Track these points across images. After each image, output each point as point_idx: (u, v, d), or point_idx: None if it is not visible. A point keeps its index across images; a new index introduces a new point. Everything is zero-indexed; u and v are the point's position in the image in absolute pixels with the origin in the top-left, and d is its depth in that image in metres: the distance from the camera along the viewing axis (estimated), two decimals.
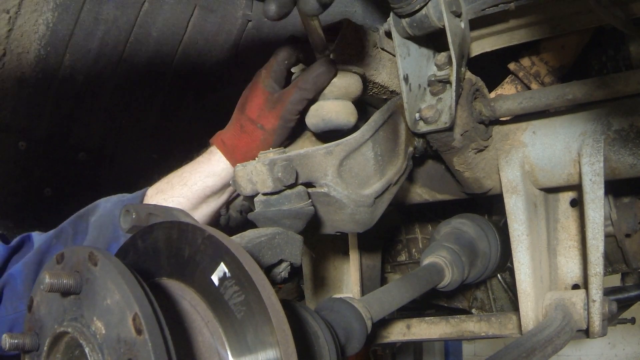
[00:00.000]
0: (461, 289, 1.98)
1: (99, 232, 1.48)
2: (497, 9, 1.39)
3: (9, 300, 1.41)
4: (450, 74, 1.37)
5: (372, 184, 1.32)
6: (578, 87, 1.42)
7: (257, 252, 1.00)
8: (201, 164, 1.51)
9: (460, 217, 1.79)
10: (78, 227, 1.50)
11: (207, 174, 1.49)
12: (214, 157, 1.49)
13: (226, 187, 1.53)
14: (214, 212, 1.57)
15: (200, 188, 1.50)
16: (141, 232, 0.90)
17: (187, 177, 1.51)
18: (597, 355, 6.73)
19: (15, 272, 1.42)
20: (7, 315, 1.40)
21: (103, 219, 1.50)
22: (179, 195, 1.50)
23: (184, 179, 1.51)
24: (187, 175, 1.51)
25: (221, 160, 1.48)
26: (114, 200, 1.54)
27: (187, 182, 1.50)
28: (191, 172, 1.51)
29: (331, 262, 2.04)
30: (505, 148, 1.54)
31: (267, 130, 1.41)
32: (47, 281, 0.75)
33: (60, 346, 0.80)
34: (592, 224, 1.41)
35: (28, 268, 1.42)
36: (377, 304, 1.31)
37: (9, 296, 1.41)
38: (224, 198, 1.56)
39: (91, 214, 1.52)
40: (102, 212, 1.51)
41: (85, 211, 1.53)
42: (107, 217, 1.49)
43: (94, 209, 1.53)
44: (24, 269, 1.42)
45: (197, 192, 1.50)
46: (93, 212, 1.52)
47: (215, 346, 0.79)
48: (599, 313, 1.41)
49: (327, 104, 1.38)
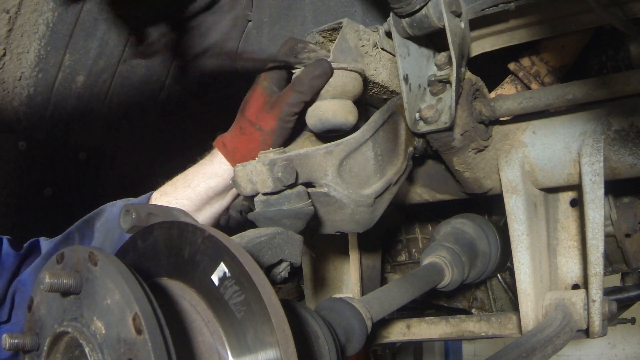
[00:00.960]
0: (461, 289, 1.98)
1: (104, 237, 1.49)
2: (497, 9, 1.39)
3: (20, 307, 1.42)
4: (450, 74, 1.37)
5: (372, 184, 1.32)
6: (578, 87, 1.42)
7: (257, 252, 1.00)
8: (204, 166, 1.53)
9: (460, 217, 1.79)
10: (84, 232, 1.52)
11: (209, 175, 1.51)
12: (215, 159, 1.51)
13: (229, 188, 1.54)
14: (217, 214, 1.58)
15: (204, 190, 1.51)
16: (141, 232, 0.90)
17: (190, 179, 1.52)
18: (597, 355, 6.73)
19: (25, 278, 1.44)
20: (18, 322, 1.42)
21: (109, 224, 1.51)
22: (183, 197, 1.52)
23: (187, 181, 1.53)
24: (191, 177, 1.53)
25: (222, 162, 1.49)
26: (120, 205, 1.55)
27: (190, 184, 1.52)
28: (194, 175, 1.53)
29: (331, 262, 2.04)
30: (505, 148, 1.54)
31: (265, 132, 1.42)
32: (47, 281, 0.75)
33: (60, 346, 0.80)
34: (592, 224, 1.41)
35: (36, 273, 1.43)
36: (377, 304, 1.31)
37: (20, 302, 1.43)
38: (227, 200, 1.57)
39: (97, 219, 1.53)
40: (108, 216, 1.53)
41: (91, 216, 1.54)
42: (113, 222, 1.51)
43: (100, 213, 1.54)
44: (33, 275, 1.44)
45: (200, 193, 1.51)
46: (99, 216, 1.54)
47: (215, 346, 0.79)
48: (599, 313, 1.41)
49: (324, 104, 1.38)
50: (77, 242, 1.50)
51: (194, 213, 1.52)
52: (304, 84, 1.35)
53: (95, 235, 1.50)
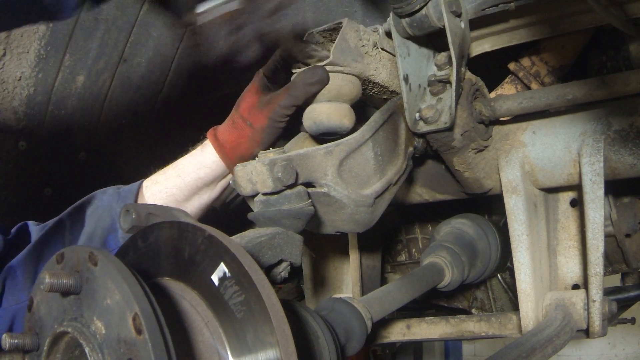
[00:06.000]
0: (461, 289, 1.98)
1: (96, 224, 1.50)
2: (497, 9, 1.39)
3: (11, 292, 1.43)
4: (450, 74, 1.37)
5: (372, 184, 1.32)
6: (578, 87, 1.42)
7: (257, 252, 1.00)
8: (195, 156, 1.55)
9: (460, 217, 1.79)
10: (75, 219, 1.53)
11: (199, 165, 1.53)
12: (206, 149, 1.53)
13: (218, 180, 1.56)
14: (206, 205, 1.60)
15: (193, 180, 1.53)
16: (141, 232, 0.90)
17: (181, 169, 1.55)
18: (597, 355, 6.72)
19: (15, 264, 1.45)
20: (9, 307, 1.43)
21: (100, 211, 1.52)
22: (173, 186, 1.54)
23: (178, 170, 1.55)
24: (182, 167, 1.55)
25: (212, 153, 1.51)
26: (110, 192, 1.56)
27: (180, 173, 1.54)
28: (185, 164, 1.55)
29: (331, 262, 2.04)
30: (505, 148, 1.54)
31: (256, 129, 1.44)
32: (47, 281, 0.75)
33: (60, 346, 0.80)
34: (592, 224, 1.41)
35: (28, 260, 1.45)
36: (377, 304, 1.31)
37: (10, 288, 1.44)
38: (217, 191, 1.59)
39: (87, 206, 1.54)
40: (99, 203, 1.54)
41: (81, 203, 1.55)
42: (104, 209, 1.52)
43: (91, 200, 1.56)
44: (24, 260, 1.45)
45: (189, 183, 1.53)
46: (89, 203, 1.55)
47: (215, 346, 0.79)
48: (599, 313, 1.41)
49: (319, 107, 1.38)
50: (68, 229, 1.51)
51: (183, 203, 1.55)
52: (299, 88, 1.37)
53: (87, 222, 1.51)
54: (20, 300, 1.42)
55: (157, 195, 1.54)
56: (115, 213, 1.50)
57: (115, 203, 1.52)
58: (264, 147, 1.46)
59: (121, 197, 1.53)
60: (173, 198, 1.54)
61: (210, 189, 1.57)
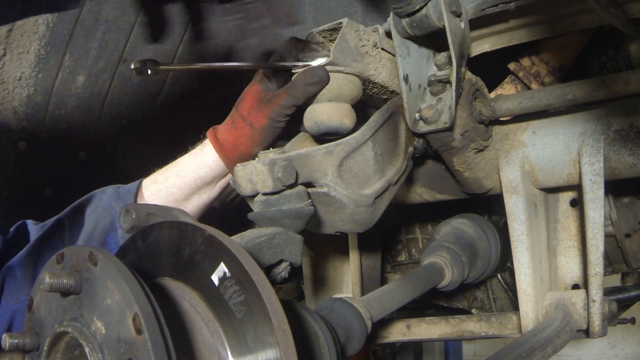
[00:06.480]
0: (461, 289, 1.98)
1: (95, 223, 1.51)
2: (497, 9, 1.39)
3: (10, 291, 1.44)
4: (450, 74, 1.37)
5: (372, 184, 1.32)
6: (578, 87, 1.42)
7: (257, 252, 1.00)
8: (194, 156, 1.55)
9: (460, 217, 1.79)
10: (75, 219, 1.53)
11: (198, 165, 1.53)
12: (206, 149, 1.53)
13: (217, 179, 1.56)
14: (206, 205, 1.60)
15: (192, 179, 1.54)
16: (141, 232, 0.90)
17: (180, 168, 1.55)
18: (597, 355, 6.72)
19: (14, 263, 1.45)
20: (8, 306, 1.43)
21: (99, 210, 1.52)
22: (173, 185, 1.54)
23: (177, 170, 1.55)
24: (181, 166, 1.55)
25: (212, 152, 1.52)
26: (110, 192, 1.57)
27: (180, 172, 1.54)
28: (184, 164, 1.55)
29: (331, 262, 2.04)
30: (505, 148, 1.54)
31: (255, 128, 1.44)
32: (47, 281, 0.75)
33: (60, 346, 0.80)
34: (592, 224, 1.41)
35: (27, 259, 1.45)
36: (377, 304, 1.31)
37: (9, 287, 1.44)
38: (216, 191, 1.59)
39: (87, 205, 1.55)
40: (98, 203, 1.55)
41: (81, 202, 1.56)
42: (103, 209, 1.52)
43: (90, 199, 1.56)
44: (24, 260, 1.45)
45: (189, 182, 1.54)
46: (89, 203, 1.55)
47: (215, 346, 0.79)
48: (599, 313, 1.41)
49: (319, 107, 1.38)
50: (67, 229, 1.52)
51: (183, 202, 1.55)
52: (299, 88, 1.37)
53: (86, 221, 1.52)
54: (20, 299, 1.42)
55: (156, 195, 1.54)
56: (115, 212, 1.50)
57: (115, 202, 1.52)
58: (263, 147, 1.46)
59: (120, 197, 1.53)
60: (172, 197, 1.54)
61: (209, 189, 1.57)
